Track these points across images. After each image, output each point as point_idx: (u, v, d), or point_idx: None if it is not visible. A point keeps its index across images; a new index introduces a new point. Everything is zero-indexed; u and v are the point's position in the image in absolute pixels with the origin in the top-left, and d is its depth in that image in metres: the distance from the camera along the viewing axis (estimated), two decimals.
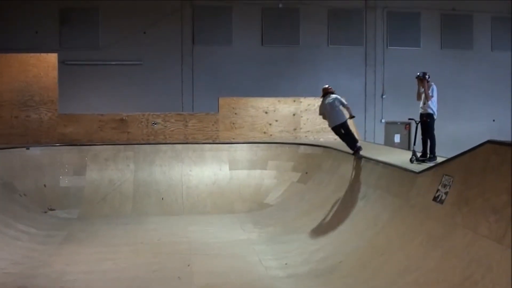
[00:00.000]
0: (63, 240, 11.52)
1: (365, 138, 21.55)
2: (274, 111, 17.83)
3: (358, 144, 12.63)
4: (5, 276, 8.85)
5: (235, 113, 17.61)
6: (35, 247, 10.79)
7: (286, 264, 9.65)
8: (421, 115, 11.28)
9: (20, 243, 10.88)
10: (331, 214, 11.78)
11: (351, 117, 12.62)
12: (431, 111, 11.08)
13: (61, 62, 17.87)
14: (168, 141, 16.73)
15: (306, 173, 15.26)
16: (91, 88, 21.26)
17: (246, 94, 19.03)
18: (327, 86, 13.05)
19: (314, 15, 23.42)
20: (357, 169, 12.20)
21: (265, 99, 17.99)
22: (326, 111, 12.66)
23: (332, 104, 12.52)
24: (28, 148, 15.29)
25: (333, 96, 12.64)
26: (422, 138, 11.25)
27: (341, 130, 12.66)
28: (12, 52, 17.04)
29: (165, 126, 17.06)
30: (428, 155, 10.97)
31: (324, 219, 11.73)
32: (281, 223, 12.76)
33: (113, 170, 15.55)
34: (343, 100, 12.55)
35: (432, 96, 11.03)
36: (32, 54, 16.42)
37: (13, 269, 9.28)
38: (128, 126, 16.82)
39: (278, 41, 23.22)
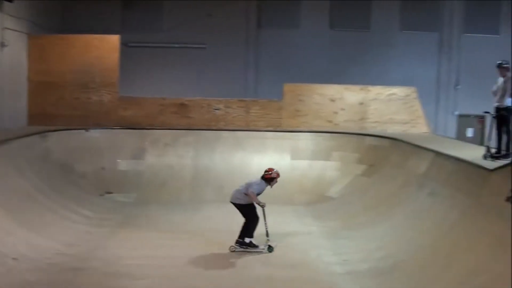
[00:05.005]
0: (118, 224, 11.63)
1: (435, 131, 20.51)
2: (341, 99, 17.15)
3: None
4: (59, 257, 8.95)
5: (300, 100, 17.06)
6: (90, 230, 10.96)
7: (345, 260, 9.40)
8: (498, 108, 10.41)
9: (76, 225, 11.08)
10: (395, 210, 11.20)
11: None
12: (510, 104, 10.20)
13: (124, 44, 17.84)
14: (229, 128, 16.45)
15: (372, 166, 14.60)
16: (153, 71, 21.21)
17: (312, 80, 18.42)
18: None
19: None
20: (426, 164, 11.54)
21: (332, 86, 17.34)
22: None
23: None
24: (87, 130, 15.37)
25: None
26: (497, 133, 10.43)
27: None
28: (75, 33, 17.19)
29: (227, 112, 16.79)
30: (503, 152, 10.12)
31: (388, 215, 11.15)
32: (342, 218, 12.36)
33: (172, 156, 15.46)
34: None
35: None
36: (95, 35, 16.51)
37: (68, 250, 9.39)
38: (189, 111, 16.65)
39: (348, 25, 22.37)
